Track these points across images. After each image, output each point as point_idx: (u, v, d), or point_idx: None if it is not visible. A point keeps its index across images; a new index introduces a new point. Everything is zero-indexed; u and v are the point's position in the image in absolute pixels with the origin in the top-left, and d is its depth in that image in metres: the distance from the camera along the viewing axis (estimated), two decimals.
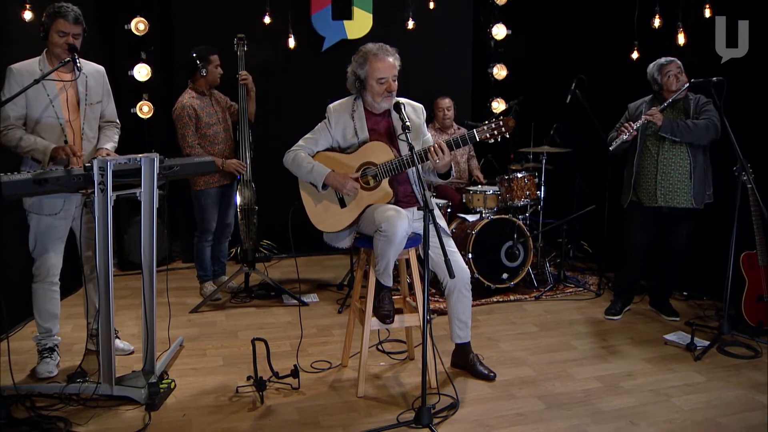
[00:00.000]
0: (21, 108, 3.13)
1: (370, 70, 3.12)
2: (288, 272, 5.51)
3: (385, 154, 3.14)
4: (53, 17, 3.12)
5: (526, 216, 5.15)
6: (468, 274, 3.24)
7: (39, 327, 3.44)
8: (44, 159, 3.08)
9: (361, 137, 3.22)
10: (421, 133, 3.30)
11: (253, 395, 3.14)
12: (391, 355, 3.68)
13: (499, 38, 6.25)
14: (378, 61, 3.11)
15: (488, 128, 3.02)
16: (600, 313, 4.41)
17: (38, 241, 3.28)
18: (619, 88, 5.04)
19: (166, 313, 3.59)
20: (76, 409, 2.97)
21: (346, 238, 3.30)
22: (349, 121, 3.23)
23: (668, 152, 4.05)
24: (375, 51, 3.13)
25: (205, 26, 5.54)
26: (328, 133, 3.26)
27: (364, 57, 3.15)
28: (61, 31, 3.13)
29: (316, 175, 3.16)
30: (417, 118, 3.30)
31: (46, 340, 3.44)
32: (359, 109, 3.23)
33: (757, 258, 3.86)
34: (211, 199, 4.60)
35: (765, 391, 3.18)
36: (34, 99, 3.14)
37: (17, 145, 3.11)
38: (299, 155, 3.22)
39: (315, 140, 3.28)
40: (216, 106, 4.61)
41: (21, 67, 3.15)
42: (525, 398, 3.15)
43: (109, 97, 3.50)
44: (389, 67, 3.11)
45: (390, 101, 3.16)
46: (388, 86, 3.11)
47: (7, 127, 3.11)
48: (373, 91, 3.15)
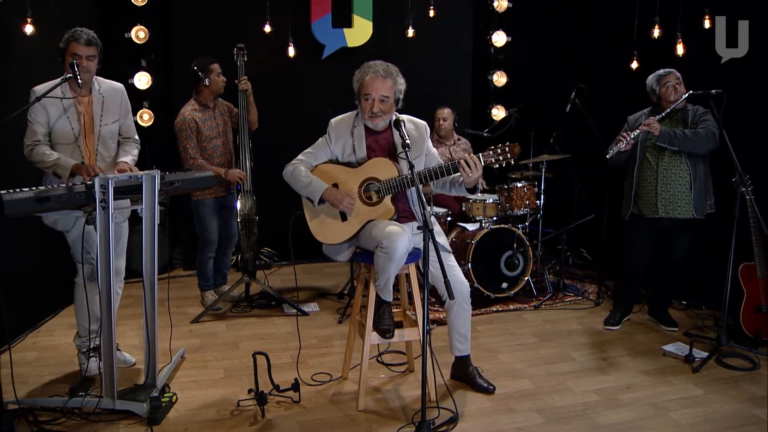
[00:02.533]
0: (45, 124, 3.23)
1: (361, 86, 3.14)
2: (288, 280, 5.53)
3: (389, 171, 3.14)
4: (68, 42, 3.21)
5: (525, 225, 5.17)
6: (468, 288, 3.26)
7: (82, 329, 3.50)
8: (65, 174, 3.14)
9: (358, 155, 3.22)
10: (424, 150, 3.28)
11: (254, 409, 3.16)
12: (390, 367, 3.70)
13: (499, 45, 6.28)
14: (369, 78, 3.09)
15: (494, 153, 3.00)
16: (599, 323, 4.43)
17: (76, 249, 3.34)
18: (618, 97, 5.07)
19: (168, 323, 3.61)
20: (78, 423, 2.99)
21: (345, 251, 3.32)
22: (348, 138, 3.23)
23: (668, 163, 4.06)
24: (371, 69, 3.11)
25: (205, 34, 5.57)
26: (328, 148, 3.28)
27: (361, 72, 3.16)
28: (75, 54, 3.19)
29: (313, 189, 3.17)
30: (419, 135, 3.27)
31: (91, 341, 3.49)
32: (359, 125, 3.23)
33: (756, 269, 3.88)
34: (208, 209, 4.61)
35: (762, 405, 3.20)
36: (52, 115, 3.23)
37: (40, 161, 3.19)
38: (298, 169, 3.23)
39: (314, 155, 3.29)
40: (218, 118, 4.62)
41: (41, 88, 3.19)
42: (524, 412, 3.17)
43: (127, 115, 3.55)
44: (377, 88, 3.07)
45: (374, 122, 3.14)
46: (371, 105, 3.09)
47: (34, 142, 3.21)
48: (361, 107, 3.16)
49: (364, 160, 3.21)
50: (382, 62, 3.16)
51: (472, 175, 2.98)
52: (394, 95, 3.13)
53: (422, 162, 3.25)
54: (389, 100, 3.11)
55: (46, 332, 4.23)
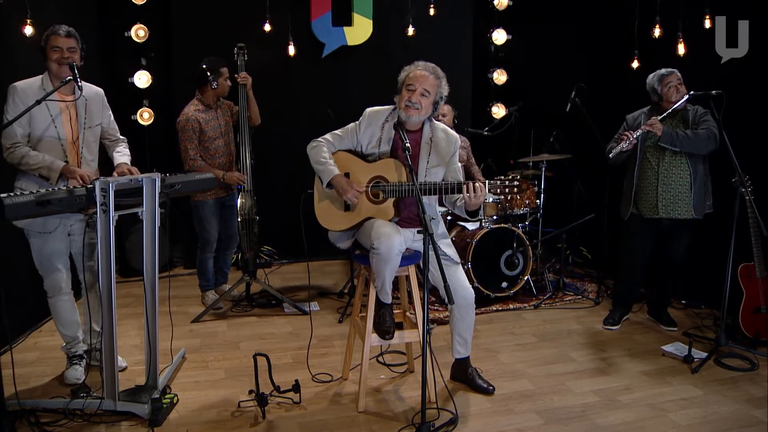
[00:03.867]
0: (25, 126, 3.18)
1: (407, 77, 3.17)
2: (289, 278, 5.54)
3: (399, 174, 3.15)
4: (47, 37, 3.20)
5: (525, 225, 5.18)
6: (472, 294, 3.26)
7: (64, 337, 3.52)
8: (53, 176, 3.13)
9: (382, 149, 3.23)
10: (447, 163, 3.26)
11: (254, 410, 3.17)
12: (391, 368, 3.71)
13: (499, 43, 6.27)
14: (418, 71, 3.14)
15: (501, 184, 2.97)
16: (598, 323, 4.44)
17: (43, 260, 3.32)
18: (618, 96, 5.06)
19: (168, 323, 3.61)
20: (80, 425, 3.00)
21: (345, 240, 3.36)
22: (378, 130, 3.24)
23: (669, 163, 4.06)
24: (420, 64, 3.18)
25: (205, 33, 5.56)
26: (356, 135, 3.28)
27: (410, 66, 3.20)
28: (55, 46, 3.17)
29: (325, 171, 3.20)
30: (447, 147, 3.25)
31: (74, 348, 3.53)
32: (392, 121, 3.22)
33: (755, 270, 3.88)
34: (209, 209, 4.61)
35: (761, 406, 3.22)
36: (36, 118, 3.17)
37: (24, 162, 3.15)
38: (320, 147, 3.26)
39: (341, 139, 3.30)
40: (221, 118, 4.62)
41: (24, 85, 3.18)
42: (523, 413, 3.19)
43: (109, 116, 3.54)
44: (423, 80, 3.11)
45: (409, 113, 3.12)
46: (411, 95, 3.10)
47: (14, 144, 3.15)
48: (401, 97, 3.16)
49: (385, 155, 3.22)
50: (432, 64, 3.21)
51: (473, 199, 2.97)
52: (435, 94, 3.16)
53: (441, 173, 3.25)
54: (430, 97, 3.14)
55: (48, 332, 4.23)
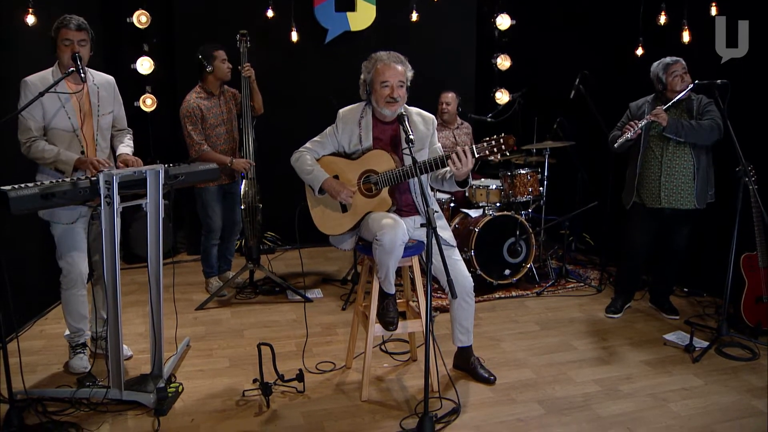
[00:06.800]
0: (40, 120, 3.19)
1: (375, 75, 3.14)
2: (292, 265, 5.57)
3: (387, 162, 3.16)
4: (58, 28, 3.17)
5: (528, 212, 5.18)
6: (471, 282, 3.28)
7: (71, 327, 3.54)
8: (68, 170, 3.14)
9: (364, 145, 3.24)
10: (428, 144, 3.28)
11: (259, 399, 3.21)
12: (394, 356, 3.74)
13: (504, 29, 6.21)
14: (383, 65, 3.12)
15: (488, 145, 2.97)
16: (600, 311, 4.46)
17: (64, 252, 3.34)
18: (622, 83, 5.04)
19: (173, 310, 3.62)
20: (87, 414, 3.04)
21: (348, 240, 3.36)
22: (356, 128, 3.25)
23: (672, 153, 4.05)
24: (383, 57, 3.15)
25: (207, 18, 5.54)
26: (335, 138, 3.30)
27: (372, 62, 3.18)
28: (66, 39, 3.16)
29: (314, 178, 3.22)
30: (425, 129, 3.27)
31: (78, 338, 3.56)
32: (367, 116, 3.25)
33: (758, 259, 3.89)
34: (212, 195, 4.63)
35: (761, 396, 3.24)
36: (49, 109, 3.19)
37: (40, 157, 3.17)
38: (304, 157, 3.28)
39: (321, 144, 3.32)
40: (223, 106, 4.61)
41: (35, 79, 3.18)
42: (525, 402, 3.21)
43: (120, 106, 3.53)
44: (395, 73, 3.11)
45: (392, 108, 3.15)
46: (390, 91, 3.11)
47: (30, 139, 3.17)
48: (377, 96, 3.16)
49: (370, 149, 3.22)
50: (389, 51, 3.19)
51: (461, 168, 2.97)
52: (407, 81, 3.16)
53: (425, 155, 3.25)
54: (405, 85, 3.15)
55: (53, 320, 4.27)
